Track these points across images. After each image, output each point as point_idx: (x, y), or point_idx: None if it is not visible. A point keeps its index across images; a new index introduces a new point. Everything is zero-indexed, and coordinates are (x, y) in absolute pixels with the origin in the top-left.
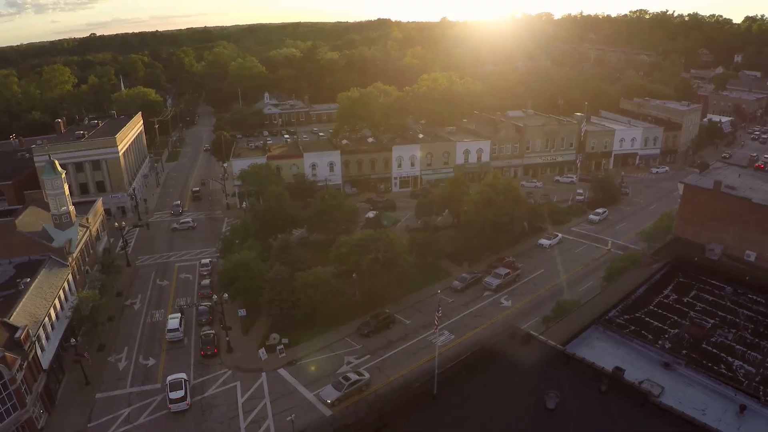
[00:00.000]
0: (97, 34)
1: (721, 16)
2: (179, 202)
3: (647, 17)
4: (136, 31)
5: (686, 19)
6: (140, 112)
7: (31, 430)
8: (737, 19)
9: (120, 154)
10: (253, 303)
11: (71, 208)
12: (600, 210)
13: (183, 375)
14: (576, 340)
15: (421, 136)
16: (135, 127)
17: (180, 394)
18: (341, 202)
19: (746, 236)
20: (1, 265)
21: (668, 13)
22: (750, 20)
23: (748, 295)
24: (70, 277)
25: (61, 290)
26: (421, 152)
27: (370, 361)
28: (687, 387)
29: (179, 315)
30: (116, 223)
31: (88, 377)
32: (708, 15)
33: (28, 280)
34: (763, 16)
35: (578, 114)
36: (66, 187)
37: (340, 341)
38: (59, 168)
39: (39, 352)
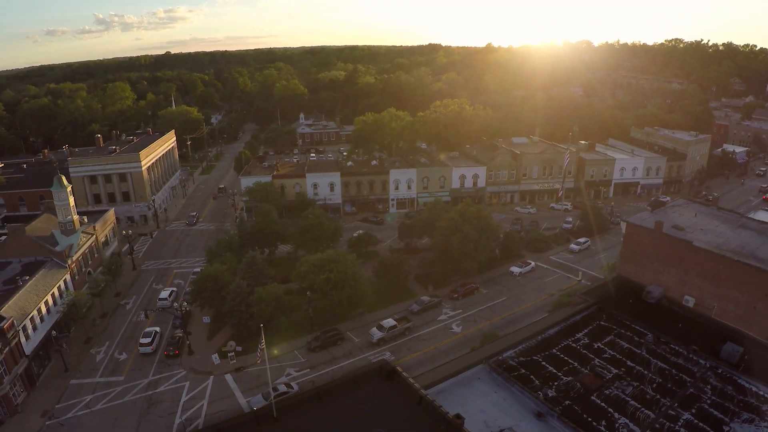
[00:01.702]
0: (172, 52)
1: (755, 46)
2: (195, 213)
3: (682, 46)
4: (211, 50)
5: (721, 48)
6: (173, 130)
7: (7, 406)
8: None
9: (143, 168)
10: (221, 311)
11: (75, 217)
12: (582, 240)
13: (157, 328)
14: (456, 378)
15: (423, 160)
16: (165, 144)
17: (147, 340)
18: (323, 222)
19: (686, 280)
20: (12, 263)
21: (703, 42)
22: None
23: (670, 344)
24: (68, 277)
25: (56, 288)
26: (418, 176)
27: (308, 375)
28: None
29: (172, 289)
30: (124, 231)
31: (69, 365)
32: (742, 45)
33: (27, 278)
34: None
35: (582, 142)
36: (71, 199)
37: (289, 353)
38: (65, 182)
39: (23, 340)
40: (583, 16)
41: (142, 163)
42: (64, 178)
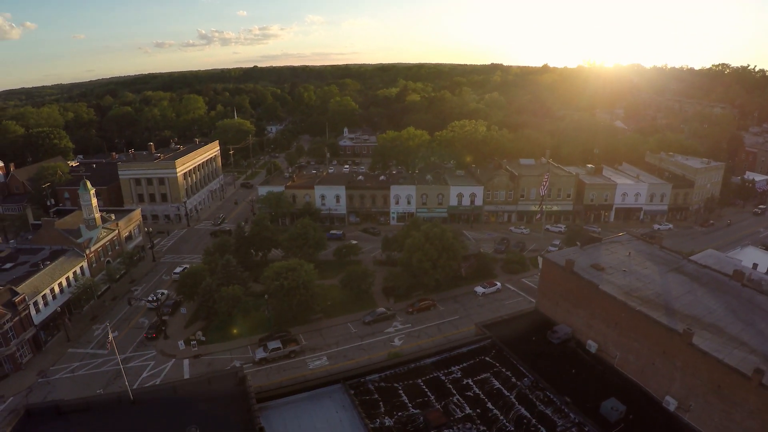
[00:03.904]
0: (265, 66)
1: None
2: (222, 215)
3: (728, 71)
4: (298, 64)
5: (767, 74)
6: (217, 140)
7: (13, 363)
8: None
9: (178, 174)
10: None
11: (97, 215)
12: None
13: (164, 291)
14: (309, 393)
15: (428, 177)
16: (207, 152)
17: (153, 298)
18: (308, 232)
19: (592, 324)
20: (44, 249)
21: (749, 67)
22: None
23: (546, 392)
24: (84, 264)
25: (71, 273)
26: (417, 192)
27: (251, 368)
28: None
29: (186, 266)
30: (146, 228)
31: (71, 337)
32: None
33: (49, 262)
34: None
35: (589, 165)
36: (94, 200)
37: (243, 348)
38: (89, 186)
39: (34, 312)
40: (635, 40)
41: (178, 169)
42: (88, 182)
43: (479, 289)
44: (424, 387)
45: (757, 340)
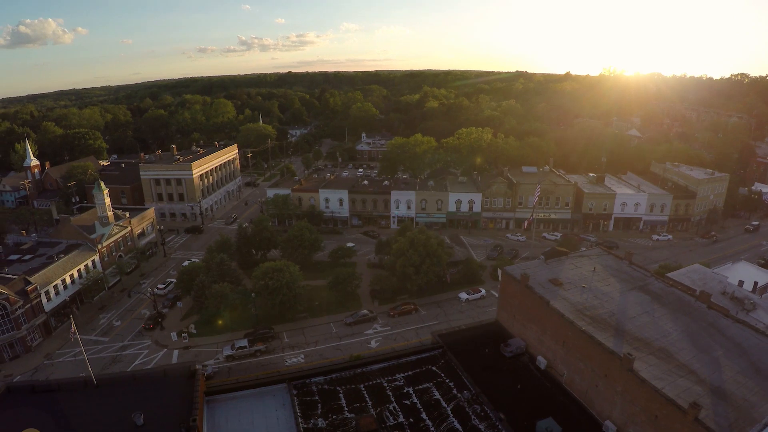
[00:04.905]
0: (301, 72)
1: None
2: (235, 215)
3: (746, 81)
4: (332, 70)
5: None
6: (236, 143)
7: (23, 346)
8: None
9: (194, 175)
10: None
11: (110, 213)
12: None
13: (173, 280)
14: (255, 390)
15: (431, 183)
16: (225, 155)
17: (162, 287)
18: (304, 234)
19: (543, 340)
20: (61, 243)
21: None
22: None
23: (484, 405)
24: (96, 258)
25: (83, 266)
26: (416, 198)
27: (231, 361)
28: None
29: (194, 259)
30: (158, 226)
31: (78, 324)
32: None
33: (63, 255)
34: None
35: (591, 174)
36: (108, 199)
37: (228, 342)
38: (103, 186)
39: (45, 301)
40: (656, 49)
41: (194, 171)
42: (102, 183)
43: (463, 295)
44: (364, 392)
45: (707, 369)
